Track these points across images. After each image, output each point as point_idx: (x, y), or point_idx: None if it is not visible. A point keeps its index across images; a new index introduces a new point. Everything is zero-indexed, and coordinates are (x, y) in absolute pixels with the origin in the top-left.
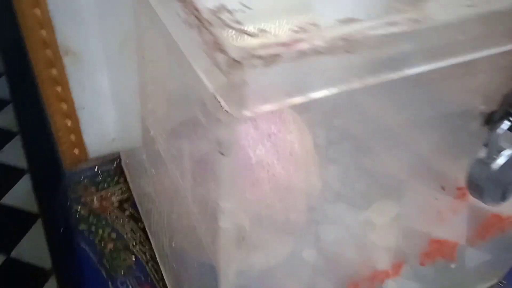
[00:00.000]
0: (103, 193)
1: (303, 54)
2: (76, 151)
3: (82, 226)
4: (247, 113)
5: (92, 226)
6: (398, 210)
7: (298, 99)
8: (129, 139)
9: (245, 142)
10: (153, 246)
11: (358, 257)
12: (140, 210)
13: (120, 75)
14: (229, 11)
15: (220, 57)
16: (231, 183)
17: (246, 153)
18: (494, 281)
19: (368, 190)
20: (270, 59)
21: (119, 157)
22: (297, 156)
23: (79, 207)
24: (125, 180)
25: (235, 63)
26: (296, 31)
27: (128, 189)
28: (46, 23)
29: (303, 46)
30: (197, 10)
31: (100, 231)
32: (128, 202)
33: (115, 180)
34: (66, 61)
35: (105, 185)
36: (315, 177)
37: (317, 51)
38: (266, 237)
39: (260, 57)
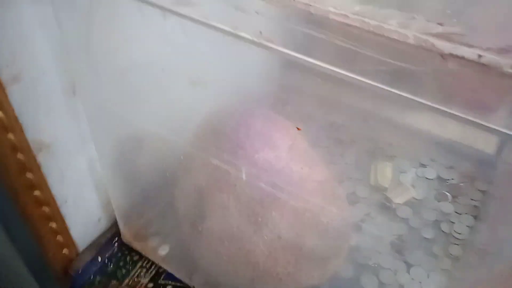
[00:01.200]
0: (128, 281)
1: None
2: (65, 251)
3: None
4: None
5: None
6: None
7: None
8: (124, 203)
9: (281, 164)
10: None
11: None
12: (181, 277)
13: (100, 146)
14: None
15: None
16: None
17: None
18: None
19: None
20: None
21: (115, 233)
22: (312, 154)
23: None
24: (140, 255)
25: None
26: None
27: (151, 262)
28: (13, 124)
29: None
30: None
31: None
32: (161, 275)
33: (129, 260)
34: (41, 158)
35: (123, 271)
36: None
37: None
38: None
39: None
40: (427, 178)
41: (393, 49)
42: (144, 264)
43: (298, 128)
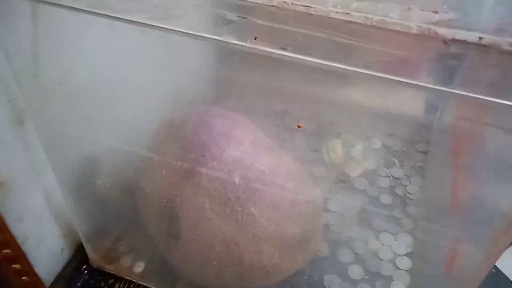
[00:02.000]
0: None
1: None
2: None
3: None
4: None
5: None
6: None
7: None
8: (89, 227)
9: (250, 160)
10: None
11: None
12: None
13: (58, 172)
14: None
15: None
16: None
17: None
18: None
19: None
20: None
21: (81, 261)
22: (271, 144)
23: None
24: (115, 277)
25: None
26: None
27: (128, 282)
28: None
29: None
30: None
31: None
32: None
33: (103, 285)
34: None
35: None
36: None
37: None
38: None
39: None
40: (373, 148)
41: (394, 40)
42: (121, 286)
43: (299, 126)
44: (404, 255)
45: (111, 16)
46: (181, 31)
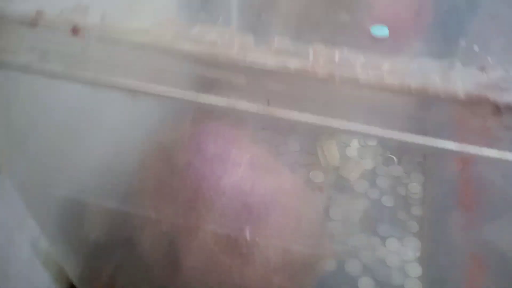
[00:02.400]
0: None
1: None
2: None
3: None
4: None
5: None
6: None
7: None
8: (82, 269)
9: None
10: None
11: None
12: None
13: (42, 220)
14: None
15: None
16: None
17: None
18: None
19: None
20: None
21: None
22: (263, 158)
23: None
24: None
25: None
26: None
27: None
28: None
29: None
30: None
31: None
32: None
33: None
34: None
35: None
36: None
37: None
38: None
39: None
40: (369, 145)
41: (435, 105)
42: None
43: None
44: (413, 260)
45: (93, 83)
46: (179, 98)
